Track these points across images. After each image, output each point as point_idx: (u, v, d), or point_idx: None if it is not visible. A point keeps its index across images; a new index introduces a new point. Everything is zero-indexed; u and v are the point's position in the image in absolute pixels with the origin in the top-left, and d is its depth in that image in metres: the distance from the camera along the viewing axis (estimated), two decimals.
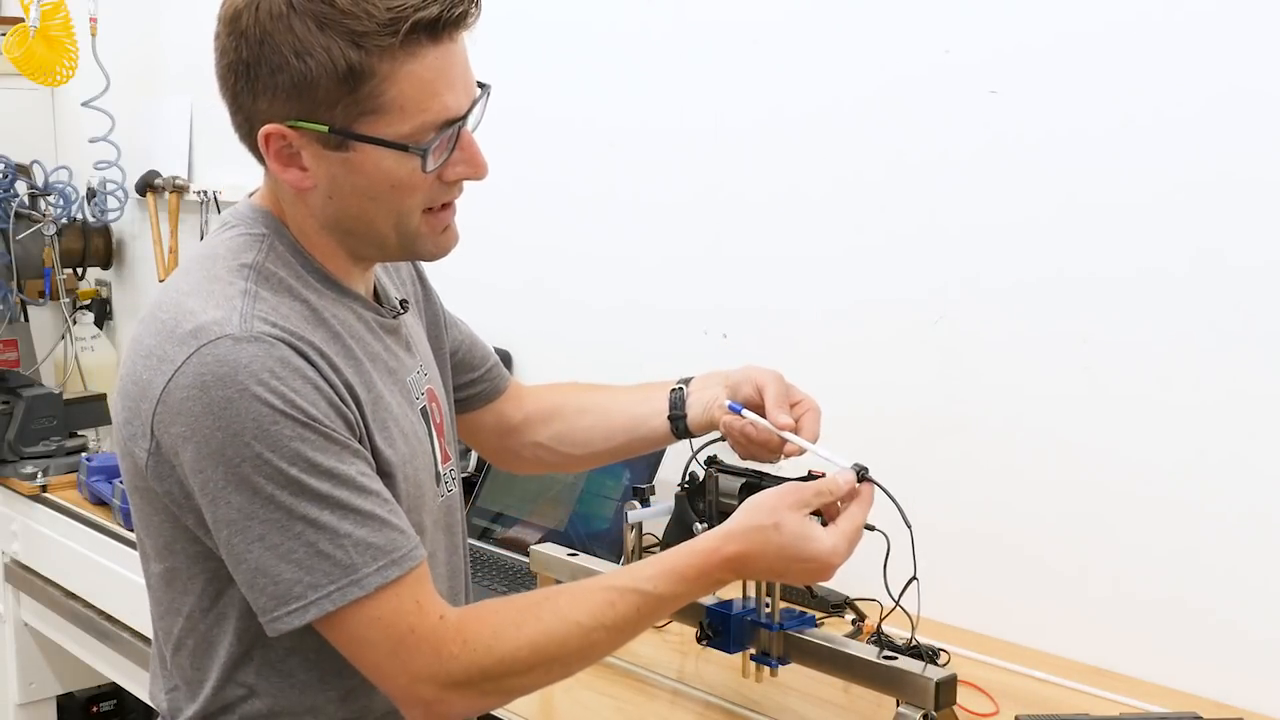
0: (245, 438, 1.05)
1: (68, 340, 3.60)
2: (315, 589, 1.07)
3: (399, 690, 1.11)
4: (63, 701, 3.06)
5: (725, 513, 1.45)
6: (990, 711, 1.54)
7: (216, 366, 1.05)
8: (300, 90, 1.08)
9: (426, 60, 1.09)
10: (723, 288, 2.14)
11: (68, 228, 3.52)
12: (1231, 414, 1.57)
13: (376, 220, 1.16)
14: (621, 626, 1.16)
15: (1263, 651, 1.56)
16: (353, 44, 1.06)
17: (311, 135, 1.10)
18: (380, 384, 1.19)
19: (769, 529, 1.17)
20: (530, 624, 1.13)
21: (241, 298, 1.11)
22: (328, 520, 1.07)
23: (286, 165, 1.13)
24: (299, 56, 1.07)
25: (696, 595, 1.19)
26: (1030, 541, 1.77)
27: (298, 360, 1.09)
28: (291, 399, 1.06)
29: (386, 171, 1.12)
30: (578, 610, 1.14)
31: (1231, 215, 1.56)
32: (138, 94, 3.48)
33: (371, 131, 1.10)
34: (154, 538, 1.18)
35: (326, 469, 1.07)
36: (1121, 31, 1.63)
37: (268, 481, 1.06)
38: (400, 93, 1.09)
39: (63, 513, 2.66)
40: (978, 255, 1.79)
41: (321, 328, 1.15)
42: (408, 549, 1.10)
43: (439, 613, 1.11)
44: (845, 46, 1.92)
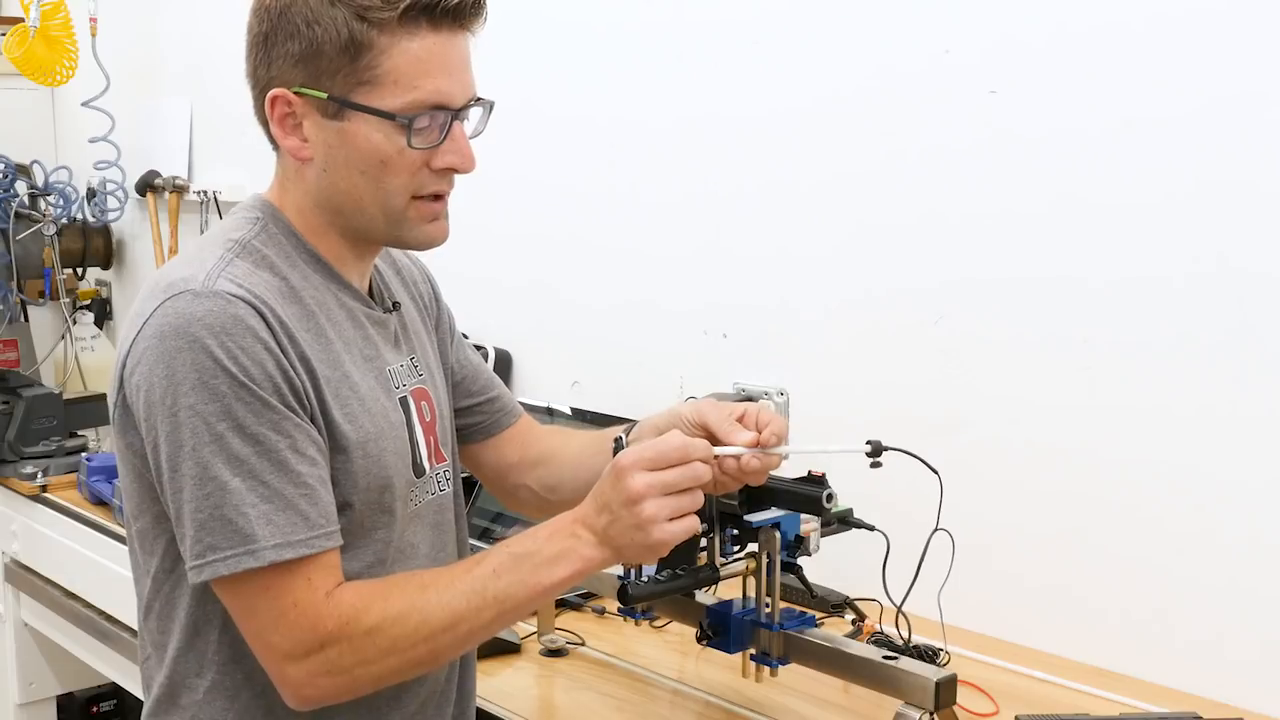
0: (184, 387, 1.10)
1: (68, 340, 3.60)
2: (214, 551, 1.10)
3: (273, 665, 1.14)
4: (63, 701, 3.06)
5: (725, 512, 1.45)
6: (990, 711, 1.54)
7: (174, 318, 1.12)
8: (307, 57, 1.16)
9: (424, 41, 1.16)
10: (723, 288, 2.14)
11: (68, 228, 3.52)
12: (1232, 414, 1.57)
13: (364, 198, 1.21)
14: (481, 590, 1.14)
15: (1263, 651, 1.56)
16: (357, 16, 1.14)
17: (313, 103, 1.18)
18: (349, 365, 1.22)
19: (601, 478, 1.17)
20: (393, 595, 1.14)
21: (216, 261, 1.17)
22: (237, 487, 1.10)
23: (288, 133, 1.20)
24: (309, 25, 1.15)
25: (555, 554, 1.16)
26: (1030, 541, 1.77)
27: (253, 319, 1.13)
28: (236, 356, 1.11)
29: (376, 145, 1.17)
30: (439, 579, 1.16)
31: (1232, 215, 1.56)
32: (138, 94, 3.48)
33: (365, 101, 1.16)
34: (129, 500, 1.22)
35: (253, 433, 1.11)
36: (1121, 31, 1.63)
37: (193, 435, 1.10)
38: (395, 66, 1.15)
39: (63, 513, 2.66)
40: (978, 255, 1.79)
41: (295, 304, 1.19)
42: (309, 536, 1.12)
43: (326, 589, 1.13)
44: (845, 46, 1.92)
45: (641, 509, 1.14)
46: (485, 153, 1.25)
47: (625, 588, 1.42)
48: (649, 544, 1.16)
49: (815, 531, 1.48)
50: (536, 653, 1.76)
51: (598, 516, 1.17)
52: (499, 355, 2.52)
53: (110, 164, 3.43)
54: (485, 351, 2.51)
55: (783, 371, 2.05)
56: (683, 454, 1.16)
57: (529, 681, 1.68)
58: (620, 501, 1.15)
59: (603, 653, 1.75)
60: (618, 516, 1.15)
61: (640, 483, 1.14)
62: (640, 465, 1.15)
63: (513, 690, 1.64)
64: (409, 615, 1.13)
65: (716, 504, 1.46)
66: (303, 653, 1.12)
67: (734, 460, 1.26)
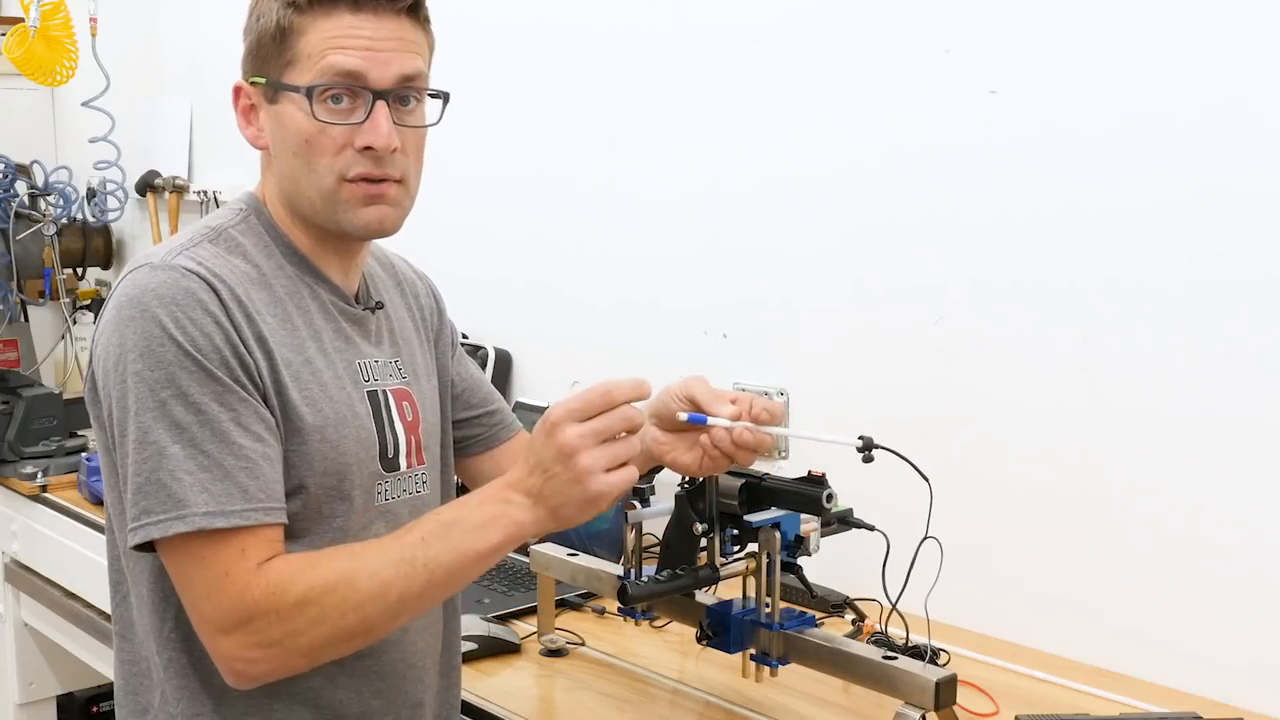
0: (133, 355, 1.13)
1: (68, 340, 3.60)
2: (148, 514, 1.12)
3: (208, 639, 1.14)
4: (63, 701, 3.06)
5: (725, 512, 1.45)
6: (990, 711, 1.54)
7: (131, 289, 1.16)
8: (254, 48, 1.25)
9: (338, 20, 1.21)
10: (723, 287, 2.14)
11: (68, 228, 3.52)
12: (1232, 413, 1.57)
13: (300, 180, 1.24)
14: (409, 557, 1.13)
15: (1262, 651, 1.56)
16: (286, 4, 1.22)
17: (261, 91, 1.25)
18: (314, 352, 1.24)
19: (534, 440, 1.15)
20: (322, 564, 1.14)
21: (183, 243, 1.22)
22: (175, 453, 1.12)
23: (248, 122, 1.28)
24: (257, 19, 1.24)
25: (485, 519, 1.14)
26: (1030, 541, 1.77)
27: (205, 294, 1.16)
28: (185, 326, 1.14)
29: (298, 124, 1.22)
30: (369, 549, 1.15)
31: (1232, 216, 1.56)
32: (138, 94, 3.48)
33: (287, 80, 1.23)
34: (107, 475, 1.23)
35: (194, 402, 1.13)
36: (1121, 32, 1.63)
37: (137, 400, 1.13)
38: (307, 43, 1.21)
39: (63, 513, 2.66)
40: (978, 255, 1.79)
41: (263, 290, 1.23)
42: (244, 508, 1.13)
43: (258, 560, 1.13)
44: (845, 46, 1.92)
45: (577, 461, 1.11)
46: (485, 154, 1.25)
47: (625, 588, 1.43)
48: (587, 498, 1.13)
49: (815, 531, 1.48)
50: (536, 653, 1.75)
51: (529, 477, 1.13)
52: (499, 355, 2.51)
53: (110, 164, 3.43)
54: (485, 351, 2.51)
55: (783, 371, 2.05)
56: (608, 399, 1.12)
57: (529, 681, 1.68)
58: (553, 457, 1.12)
59: (603, 653, 1.75)
60: (552, 474, 1.12)
61: (572, 434, 1.11)
62: (570, 417, 1.12)
63: (513, 690, 1.64)
64: (337, 585, 1.12)
65: (717, 504, 1.46)
66: (232, 624, 1.12)
67: (725, 433, 1.26)
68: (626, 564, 1.62)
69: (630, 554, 1.60)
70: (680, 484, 1.49)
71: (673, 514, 1.50)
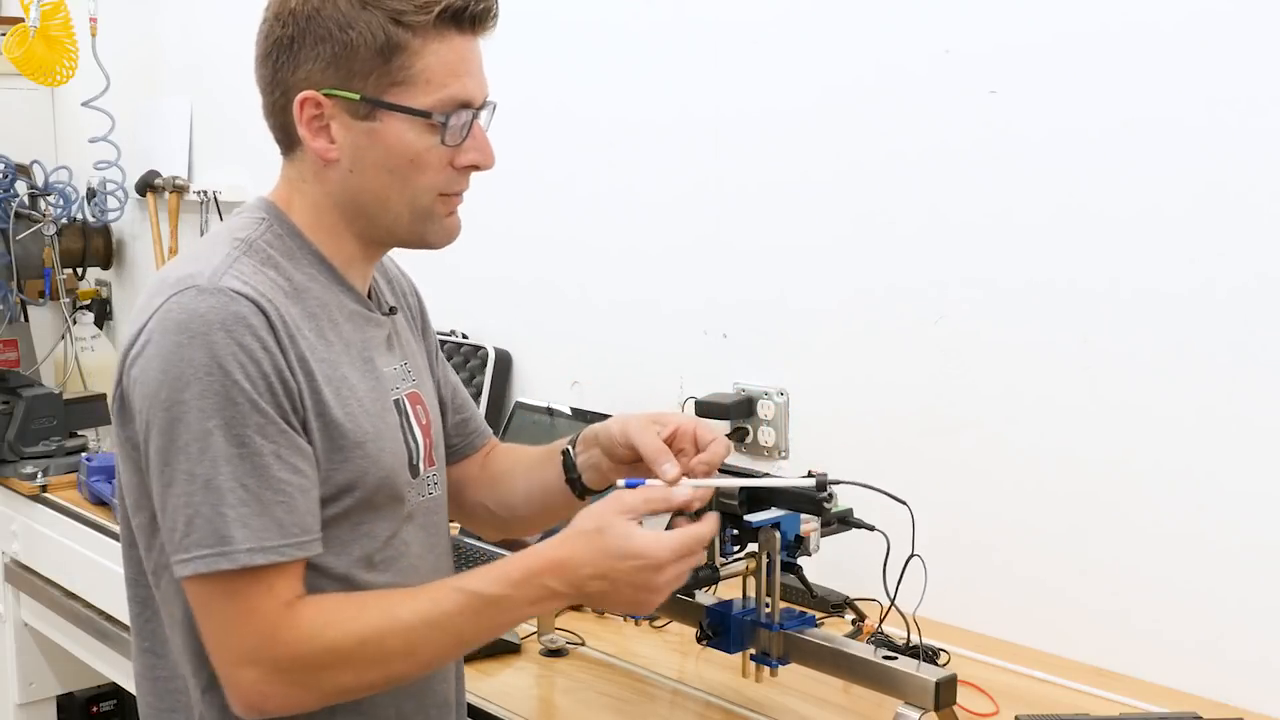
0: (181, 382, 1.11)
1: (68, 340, 3.60)
2: (188, 550, 1.11)
3: (225, 667, 1.14)
4: (63, 701, 3.06)
5: (725, 512, 1.45)
6: (990, 711, 1.54)
7: (178, 313, 1.13)
8: (339, 59, 1.18)
9: (452, 44, 1.20)
10: (723, 287, 2.14)
11: (68, 228, 3.52)
12: (1232, 413, 1.57)
13: (392, 197, 1.23)
14: (445, 625, 1.16)
15: (1262, 651, 1.56)
16: (391, 20, 1.17)
17: (342, 105, 1.20)
18: (347, 366, 1.23)
19: (592, 533, 1.17)
20: (355, 616, 1.14)
21: (222, 258, 1.18)
22: (219, 486, 1.10)
23: (316, 134, 1.21)
24: (343, 29, 1.18)
25: (527, 602, 1.17)
26: (1030, 541, 1.77)
27: (255, 318, 1.14)
28: (236, 353, 1.12)
29: (407, 144, 1.20)
30: (403, 607, 1.16)
31: (1232, 216, 1.56)
32: (138, 94, 3.48)
33: (397, 100, 1.19)
34: (129, 492, 1.21)
35: (240, 435, 1.12)
36: (1121, 31, 1.63)
37: (184, 430, 1.11)
38: (427, 66, 1.19)
39: (63, 513, 2.66)
40: (977, 255, 1.79)
41: (298, 304, 1.21)
42: (281, 544, 1.12)
43: (286, 599, 1.13)
44: (845, 46, 1.92)
45: (658, 593, 1.18)
46: None
47: None
48: (643, 610, 1.20)
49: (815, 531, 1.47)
50: (536, 653, 1.75)
51: (592, 581, 1.16)
52: (499, 355, 2.51)
53: (110, 164, 3.43)
54: (485, 351, 2.51)
55: (782, 371, 2.05)
56: (703, 542, 1.21)
57: (529, 681, 1.68)
58: (640, 584, 1.17)
59: (603, 653, 1.75)
60: (619, 589, 1.17)
61: (672, 574, 1.17)
62: (675, 557, 1.17)
63: (513, 690, 1.64)
64: (368, 639, 1.14)
65: (717, 504, 1.46)
66: (255, 659, 1.12)
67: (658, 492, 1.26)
68: None
69: None
70: None
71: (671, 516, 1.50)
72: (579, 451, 1.40)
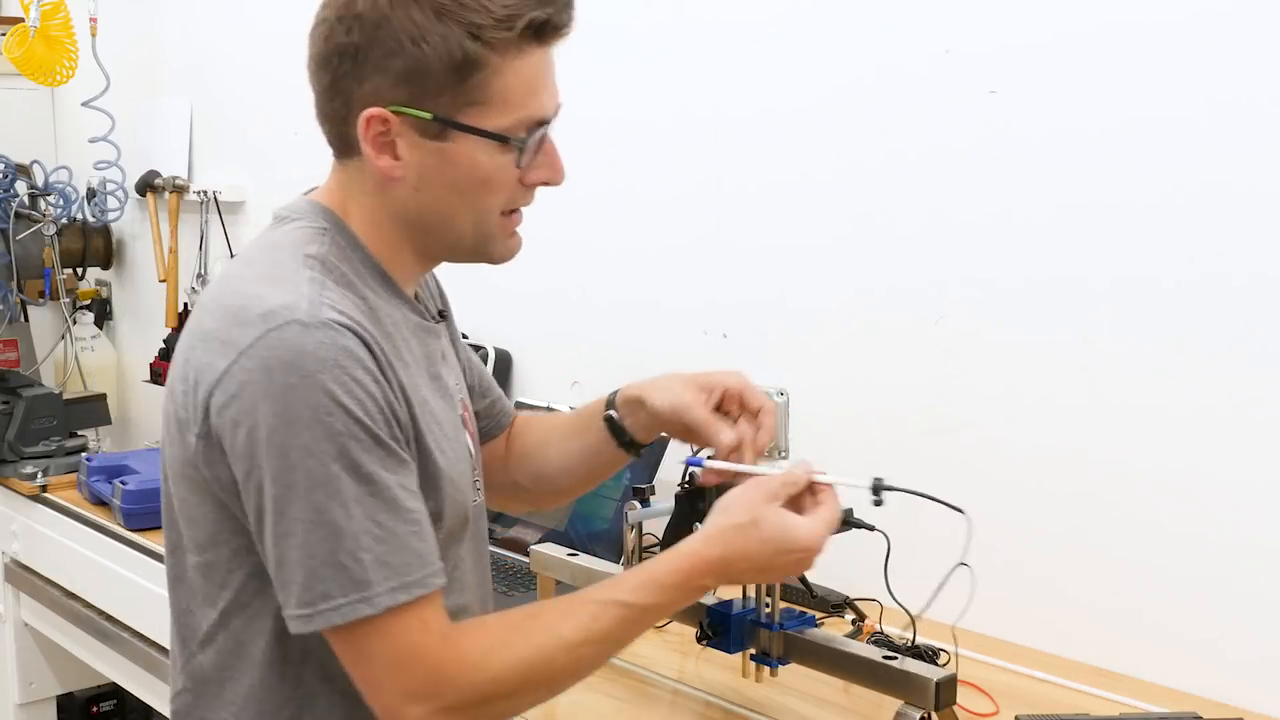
0: (298, 426, 1.04)
1: (68, 340, 3.60)
2: (326, 599, 1.05)
3: (388, 709, 1.09)
4: (63, 701, 3.06)
5: None
6: (990, 711, 1.54)
7: (282, 351, 1.05)
8: (411, 75, 1.10)
9: (531, 60, 1.13)
10: (722, 288, 2.14)
11: (68, 228, 3.52)
12: (1232, 413, 1.57)
13: (458, 216, 1.17)
14: (606, 639, 1.15)
15: (1262, 651, 1.56)
16: (469, 35, 1.09)
17: (411, 122, 1.12)
18: (425, 388, 1.19)
19: (747, 526, 1.16)
20: (519, 642, 1.12)
21: (309, 284, 1.10)
22: (352, 530, 1.05)
23: (380, 152, 1.14)
24: (415, 43, 1.09)
25: (681, 603, 1.18)
26: (1030, 541, 1.77)
27: (362, 351, 1.08)
28: (352, 389, 1.06)
29: (479, 165, 1.14)
30: (564, 626, 1.13)
31: (1231, 216, 1.56)
32: (138, 94, 3.48)
33: (474, 122, 1.12)
34: (196, 529, 1.16)
35: (367, 473, 1.06)
36: (1121, 31, 1.63)
37: (307, 476, 1.04)
38: (505, 86, 1.12)
39: (63, 513, 2.66)
40: (978, 255, 1.79)
41: (377, 325, 1.14)
42: (423, 575, 1.08)
43: (442, 632, 1.10)
44: (845, 46, 1.92)
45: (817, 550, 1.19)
46: None
47: None
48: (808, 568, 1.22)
49: None
50: None
51: (745, 573, 1.21)
52: (499, 355, 2.52)
53: (110, 164, 3.43)
54: (485, 352, 2.51)
55: (782, 371, 2.04)
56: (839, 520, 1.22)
57: None
58: (791, 569, 1.19)
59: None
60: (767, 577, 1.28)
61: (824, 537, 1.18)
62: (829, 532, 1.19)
63: None
64: (534, 663, 1.12)
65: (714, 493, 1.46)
66: (421, 698, 1.08)
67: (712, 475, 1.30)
68: (626, 564, 1.62)
69: (630, 554, 1.60)
70: (680, 484, 1.49)
71: (673, 514, 1.50)
72: (623, 415, 1.40)
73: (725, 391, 1.33)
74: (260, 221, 3.15)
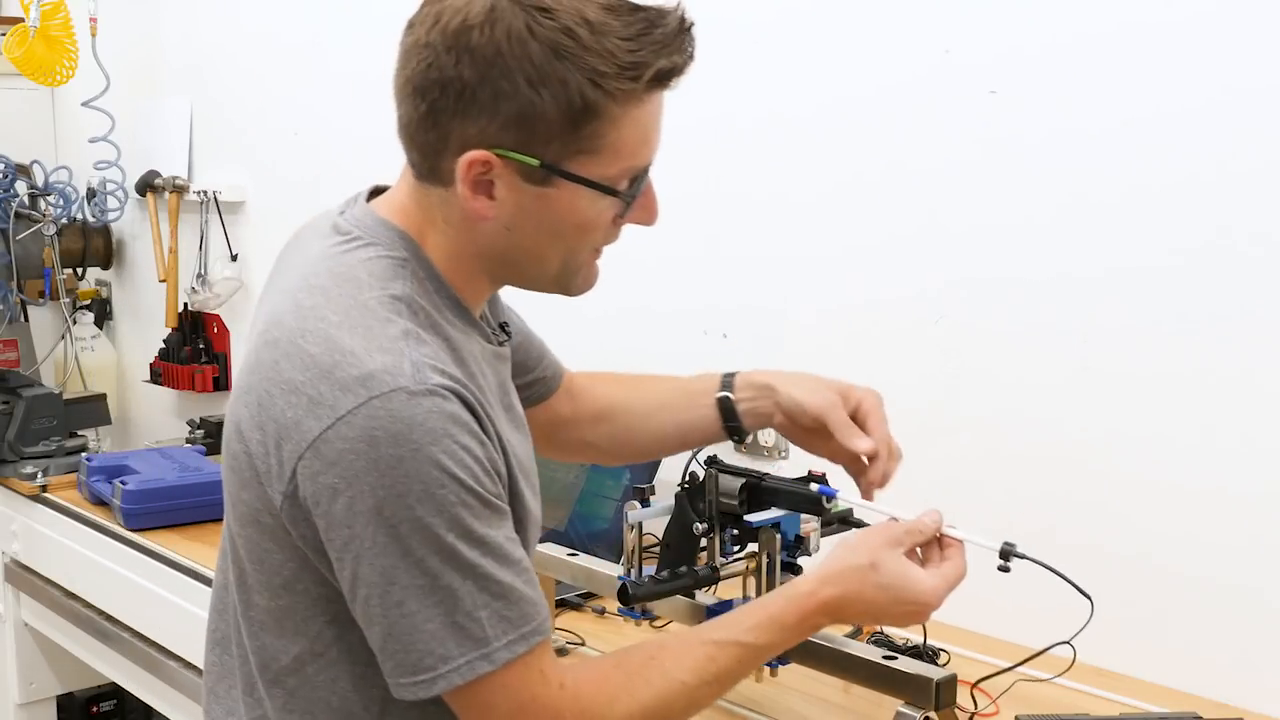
0: (409, 499, 1.00)
1: (68, 340, 3.60)
2: (445, 661, 1.03)
3: None
4: (63, 701, 3.06)
5: (725, 512, 1.45)
6: (990, 712, 1.54)
7: (390, 423, 1.00)
8: (523, 121, 1.03)
9: (648, 108, 1.09)
10: (722, 288, 2.14)
11: (68, 228, 3.52)
12: (1232, 414, 1.57)
13: (548, 257, 1.13)
14: (723, 679, 1.15)
15: (1262, 651, 1.56)
16: (591, 82, 1.03)
17: (514, 166, 1.06)
18: (505, 425, 1.15)
19: (866, 569, 1.16)
20: (640, 688, 1.11)
21: (404, 339, 1.05)
22: (468, 591, 1.03)
23: (477, 193, 1.08)
24: (532, 85, 1.02)
25: (794, 641, 1.18)
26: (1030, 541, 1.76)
27: (467, 415, 1.04)
28: (462, 459, 1.02)
29: (579, 211, 1.10)
30: (681, 669, 1.12)
31: (1231, 216, 1.56)
32: (138, 94, 3.48)
33: (581, 171, 1.07)
34: (269, 573, 1.13)
35: (479, 536, 1.04)
36: (1121, 31, 1.63)
37: (420, 546, 1.01)
38: (620, 137, 1.07)
39: (63, 513, 2.65)
40: (978, 255, 1.79)
41: (461, 366, 1.10)
42: (538, 622, 1.07)
43: (559, 681, 1.08)
44: (845, 46, 1.92)
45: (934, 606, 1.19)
46: None
47: (625, 588, 1.43)
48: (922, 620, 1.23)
49: (815, 531, 1.47)
50: None
51: (859, 616, 1.21)
52: None
53: (110, 164, 3.43)
54: None
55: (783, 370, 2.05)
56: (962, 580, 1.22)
57: None
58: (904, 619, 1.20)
59: (603, 652, 1.75)
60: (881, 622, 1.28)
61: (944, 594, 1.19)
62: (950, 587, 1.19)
63: None
64: (652, 710, 1.11)
65: (717, 504, 1.46)
66: None
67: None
68: (626, 564, 1.62)
69: (630, 554, 1.60)
70: (680, 484, 1.49)
71: (673, 514, 1.50)
72: (741, 398, 1.39)
73: (859, 405, 1.34)
74: (260, 221, 3.17)
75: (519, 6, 1.03)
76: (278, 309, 1.11)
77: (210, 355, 3.32)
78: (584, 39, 1.03)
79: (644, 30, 1.07)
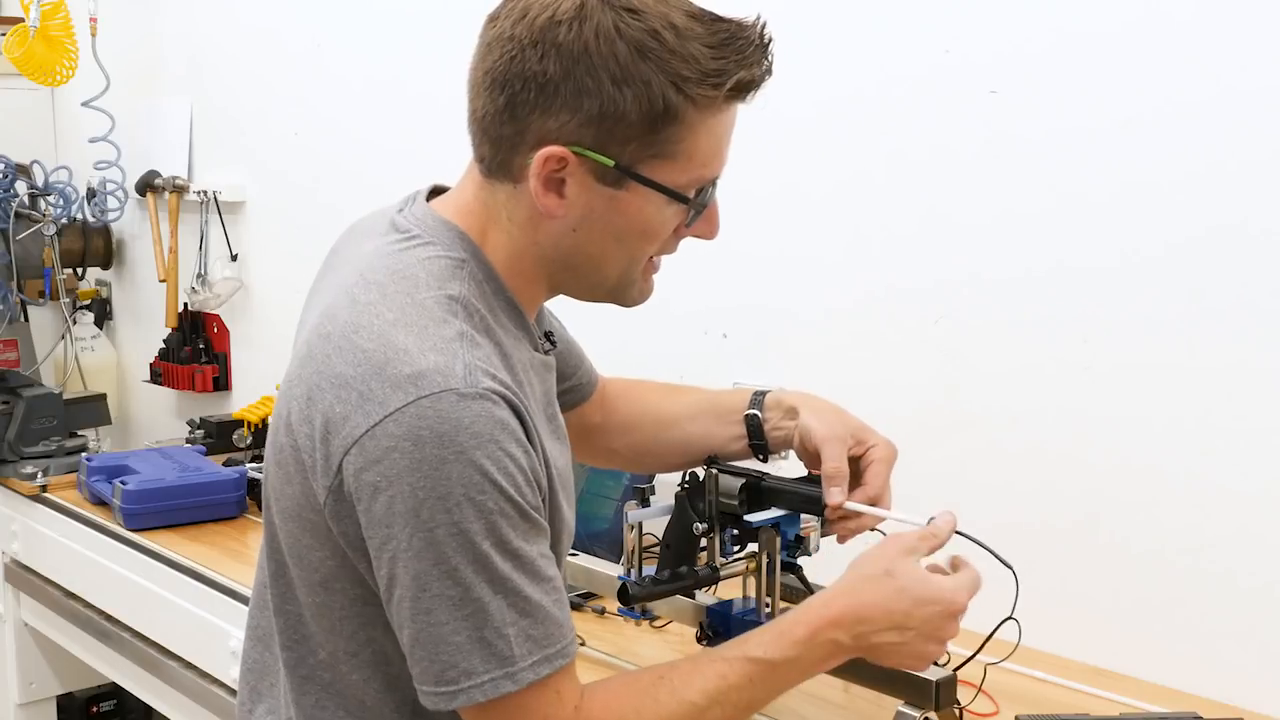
0: (449, 502, 1.00)
1: (68, 340, 3.60)
2: (469, 676, 1.03)
3: None
4: (63, 701, 3.06)
5: (725, 512, 1.45)
6: (990, 712, 1.54)
7: (436, 423, 1.00)
8: (604, 119, 1.04)
9: (724, 118, 1.09)
10: (723, 287, 2.14)
11: (68, 228, 3.52)
12: (1233, 414, 1.57)
13: (609, 261, 1.14)
14: (735, 699, 1.13)
15: (1262, 651, 1.56)
16: (673, 85, 1.04)
17: (589, 165, 1.06)
18: (547, 437, 1.15)
19: (880, 576, 1.15)
20: (650, 708, 1.11)
21: (459, 341, 1.05)
22: (498, 606, 1.03)
23: (549, 190, 1.08)
24: (616, 84, 1.03)
25: (812, 659, 1.16)
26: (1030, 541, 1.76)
27: (514, 422, 1.04)
28: (505, 466, 1.02)
29: (647, 216, 1.10)
30: (691, 689, 1.11)
31: (1231, 216, 1.56)
32: (138, 94, 3.48)
33: (655, 175, 1.08)
34: (307, 570, 1.13)
35: (514, 549, 1.03)
36: (1121, 31, 1.63)
37: (455, 553, 1.01)
38: (696, 144, 1.07)
39: (63, 513, 2.65)
40: (978, 255, 1.79)
41: (510, 371, 1.09)
42: (564, 644, 1.08)
43: (574, 703, 1.09)
44: (845, 46, 1.92)
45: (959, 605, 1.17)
46: None
47: (625, 588, 1.43)
48: (925, 664, 1.20)
49: (815, 531, 1.48)
50: None
51: (883, 631, 1.14)
52: None
53: (110, 164, 3.43)
54: None
55: (782, 372, 2.05)
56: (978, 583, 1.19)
57: None
58: (934, 632, 1.16)
59: (603, 653, 1.75)
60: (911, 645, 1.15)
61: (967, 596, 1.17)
62: (972, 593, 1.17)
63: None
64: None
65: (717, 504, 1.46)
66: None
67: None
68: (626, 564, 1.62)
69: (630, 554, 1.60)
70: (680, 484, 1.49)
71: (673, 514, 1.50)
72: (768, 418, 1.40)
73: (869, 452, 1.34)
74: (260, 221, 3.17)
75: (608, 6, 1.03)
76: (332, 303, 1.11)
77: (210, 355, 3.32)
78: (669, 42, 1.03)
79: (727, 39, 1.07)
